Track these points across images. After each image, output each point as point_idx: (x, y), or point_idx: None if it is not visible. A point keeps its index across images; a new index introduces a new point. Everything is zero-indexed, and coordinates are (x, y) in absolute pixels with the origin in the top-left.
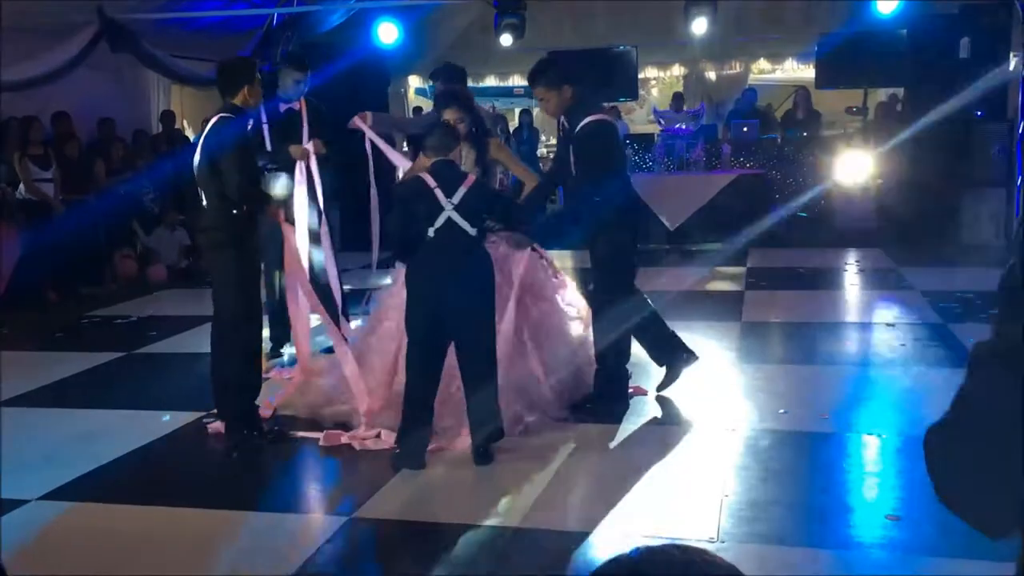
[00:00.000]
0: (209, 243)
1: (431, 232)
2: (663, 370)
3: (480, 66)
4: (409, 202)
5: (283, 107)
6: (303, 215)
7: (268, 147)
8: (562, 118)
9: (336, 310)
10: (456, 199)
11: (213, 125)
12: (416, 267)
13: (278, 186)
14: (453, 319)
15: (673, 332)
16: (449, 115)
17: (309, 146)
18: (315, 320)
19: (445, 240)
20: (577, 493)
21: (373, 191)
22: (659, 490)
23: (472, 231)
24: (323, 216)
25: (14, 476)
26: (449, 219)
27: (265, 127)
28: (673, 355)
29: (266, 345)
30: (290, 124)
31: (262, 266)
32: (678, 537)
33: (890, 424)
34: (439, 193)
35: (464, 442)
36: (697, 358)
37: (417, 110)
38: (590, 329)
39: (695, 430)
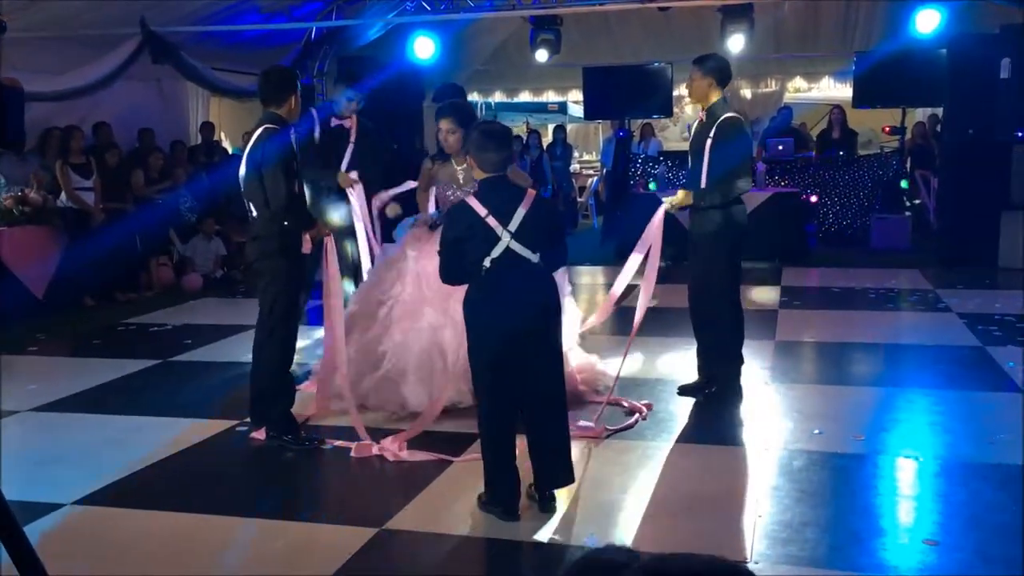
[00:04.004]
0: (259, 252)
1: (487, 263)
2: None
3: (515, 81)
4: (459, 234)
5: (334, 122)
6: (363, 237)
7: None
8: (702, 112)
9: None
10: (513, 226)
11: (258, 137)
12: (474, 301)
13: (336, 215)
14: (520, 356)
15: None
16: (444, 124)
17: (354, 175)
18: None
19: (504, 270)
20: (609, 511)
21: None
22: (692, 510)
23: (534, 258)
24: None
25: (49, 480)
26: (508, 248)
27: (316, 134)
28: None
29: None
30: (338, 141)
31: None
32: None
33: (927, 447)
34: (492, 221)
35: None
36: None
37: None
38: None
39: (728, 450)
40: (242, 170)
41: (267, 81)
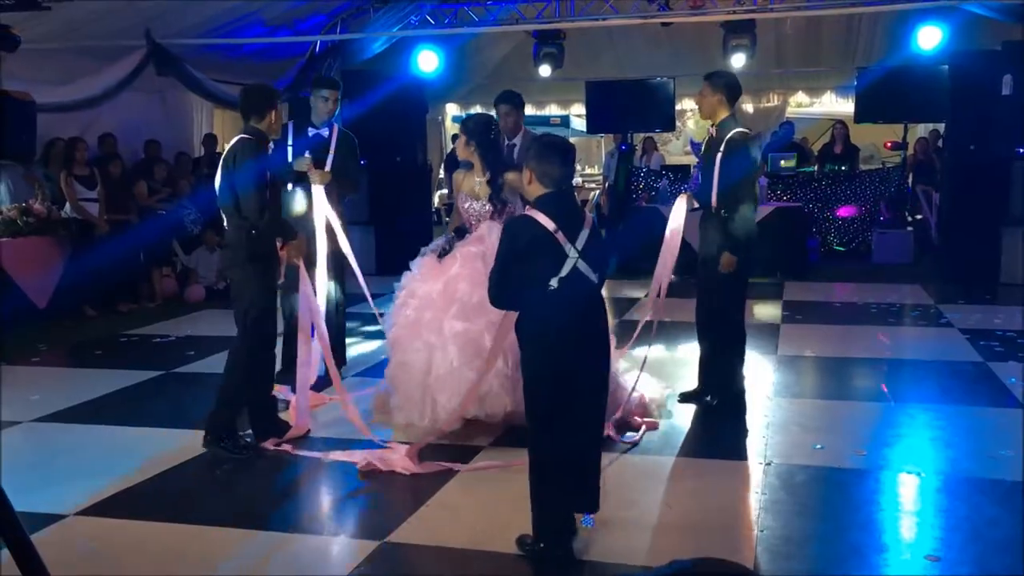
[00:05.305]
0: (229, 260)
1: (554, 283)
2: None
3: None
4: (521, 249)
5: (311, 132)
6: (323, 241)
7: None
8: (711, 128)
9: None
10: (580, 244)
11: (232, 147)
12: (539, 321)
13: (296, 203)
14: (582, 377)
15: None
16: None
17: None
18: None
19: (568, 291)
20: (611, 524)
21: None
22: (694, 524)
23: (595, 279)
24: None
25: (51, 491)
26: (575, 267)
27: (291, 149)
28: (718, 388)
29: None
30: (318, 151)
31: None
32: None
33: (929, 463)
34: (561, 237)
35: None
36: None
37: (456, 138)
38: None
39: (730, 464)
40: (217, 179)
41: (245, 96)
